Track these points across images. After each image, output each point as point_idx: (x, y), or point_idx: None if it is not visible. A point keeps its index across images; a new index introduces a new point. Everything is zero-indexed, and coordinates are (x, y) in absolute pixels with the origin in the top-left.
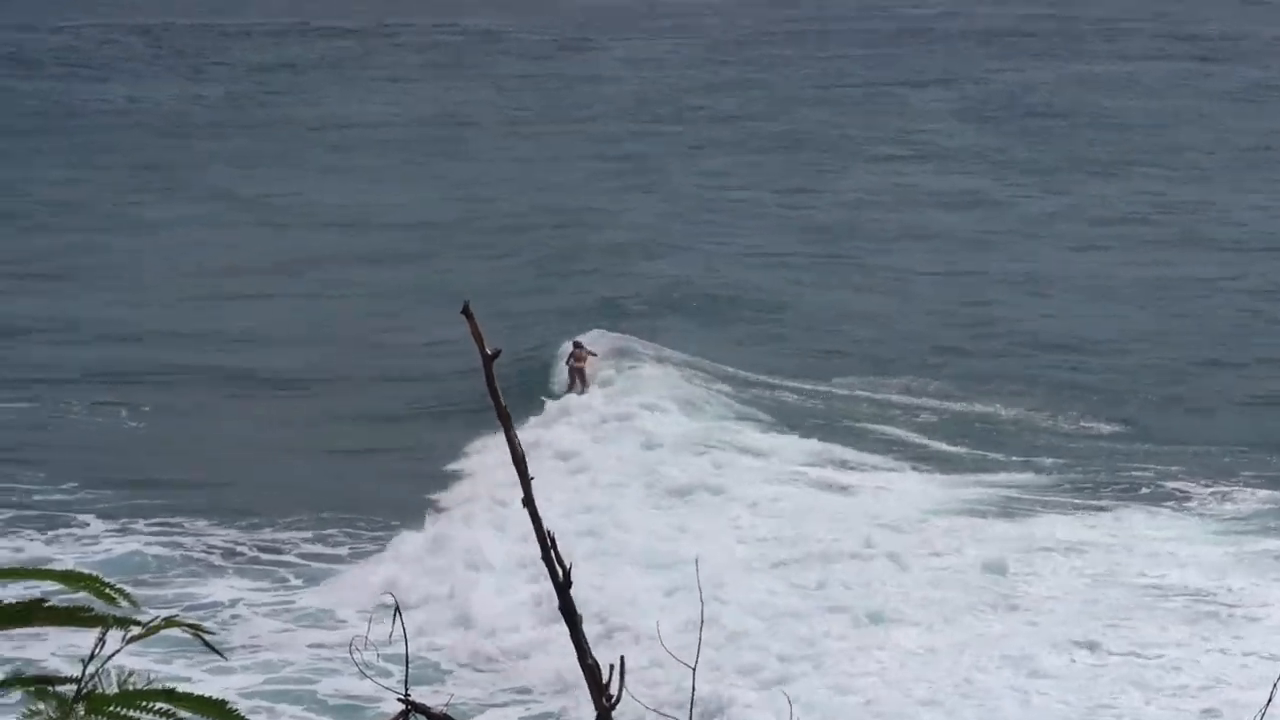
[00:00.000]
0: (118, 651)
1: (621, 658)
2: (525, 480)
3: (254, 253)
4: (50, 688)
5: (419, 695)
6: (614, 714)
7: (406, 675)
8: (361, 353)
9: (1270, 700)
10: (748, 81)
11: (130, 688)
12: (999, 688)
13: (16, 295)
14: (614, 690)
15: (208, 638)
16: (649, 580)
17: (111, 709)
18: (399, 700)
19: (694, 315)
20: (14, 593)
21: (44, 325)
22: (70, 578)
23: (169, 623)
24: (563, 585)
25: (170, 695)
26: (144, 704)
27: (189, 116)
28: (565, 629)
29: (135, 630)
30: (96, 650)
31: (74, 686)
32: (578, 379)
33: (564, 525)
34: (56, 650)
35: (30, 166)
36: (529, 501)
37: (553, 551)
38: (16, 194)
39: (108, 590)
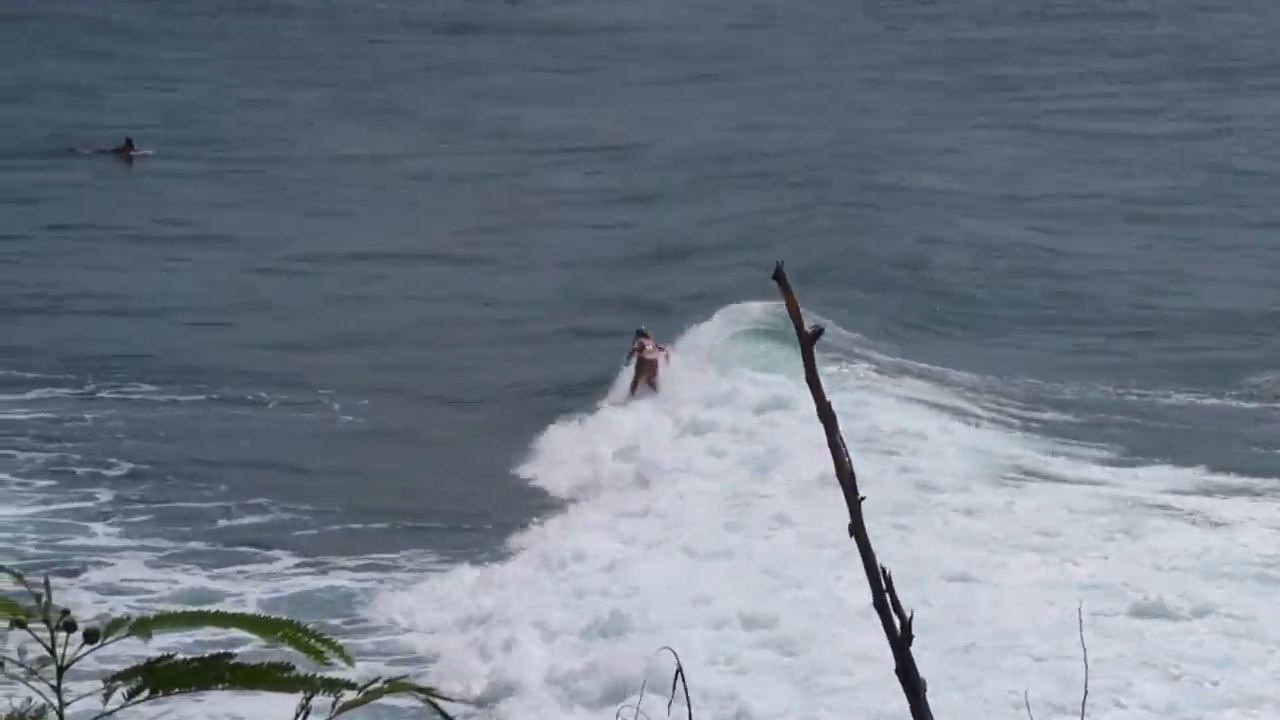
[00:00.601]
0: None
1: None
2: (853, 501)
3: (489, 192)
4: None
5: None
6: None
7: None
8: (626, 316)
9: None
10: None
11: None
12: None
13: (191, 251)
14: None
15: (443, 704)
16: (934, 641)
17: None
18: None
19: (1012, 297)
20: (171, 641)
21: (226, 297)
22: (264, 625)
23: (395, 685)
24: (901, 641)
25: None
26: None
27: (402, 16)
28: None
29: (349, 695)
30: None
31: None
32: (645, 376)
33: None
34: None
35: (210, 80)
36: (857, 529)
37: (889, 596)
38: (195, 117)
39: (312, 641)
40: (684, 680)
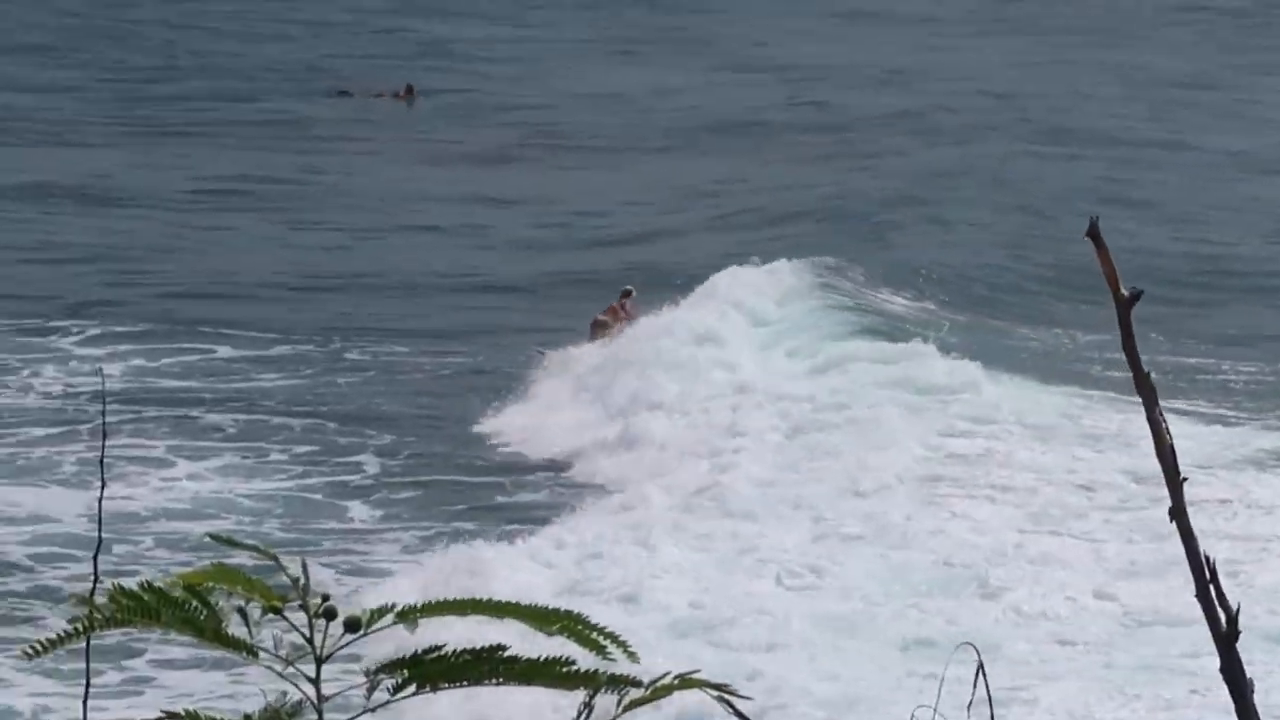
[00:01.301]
0: None
1: None
2: (1174, 481)
3: (754, 133)
4: None
5: None
6: None
7: None
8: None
9: None
10: None
11: None
12: None
13: (458, 208)
14: None
15: (740, 704)
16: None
17: None
18: None
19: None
20: (428, 634)
21: (489, 258)
22: (540, 615)
23: (685, 682)
24: (1227, 637)
25: None
26: None
27: None
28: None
29: (635, 693)
30: None
31: None
32: (602, 337)
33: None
34: (455, 711)
35: (477, 14)
36: (1179, 512)
37: (1214, 587)
38: (465, 53)
39: (593, 635)
40: (985, 677)
